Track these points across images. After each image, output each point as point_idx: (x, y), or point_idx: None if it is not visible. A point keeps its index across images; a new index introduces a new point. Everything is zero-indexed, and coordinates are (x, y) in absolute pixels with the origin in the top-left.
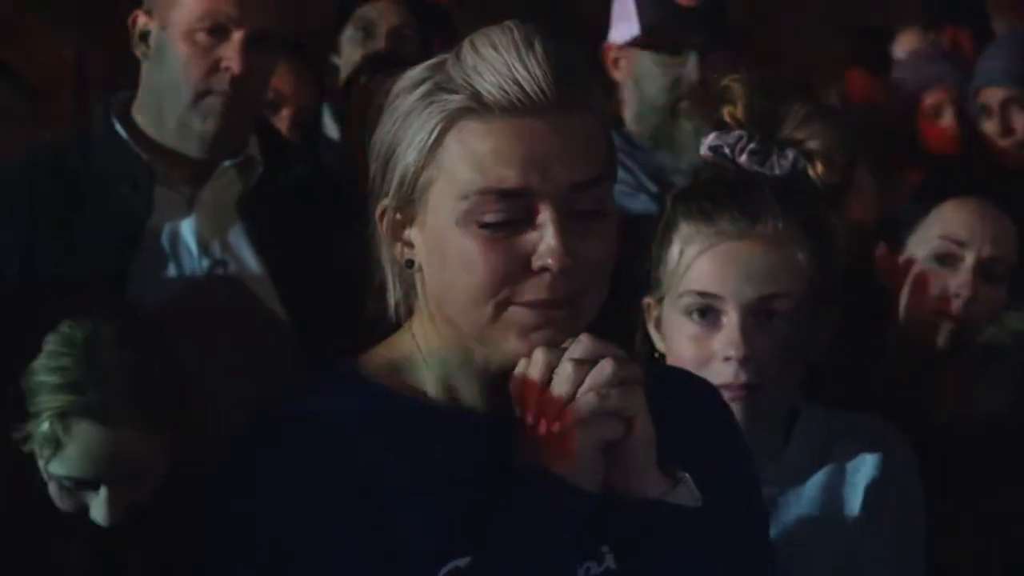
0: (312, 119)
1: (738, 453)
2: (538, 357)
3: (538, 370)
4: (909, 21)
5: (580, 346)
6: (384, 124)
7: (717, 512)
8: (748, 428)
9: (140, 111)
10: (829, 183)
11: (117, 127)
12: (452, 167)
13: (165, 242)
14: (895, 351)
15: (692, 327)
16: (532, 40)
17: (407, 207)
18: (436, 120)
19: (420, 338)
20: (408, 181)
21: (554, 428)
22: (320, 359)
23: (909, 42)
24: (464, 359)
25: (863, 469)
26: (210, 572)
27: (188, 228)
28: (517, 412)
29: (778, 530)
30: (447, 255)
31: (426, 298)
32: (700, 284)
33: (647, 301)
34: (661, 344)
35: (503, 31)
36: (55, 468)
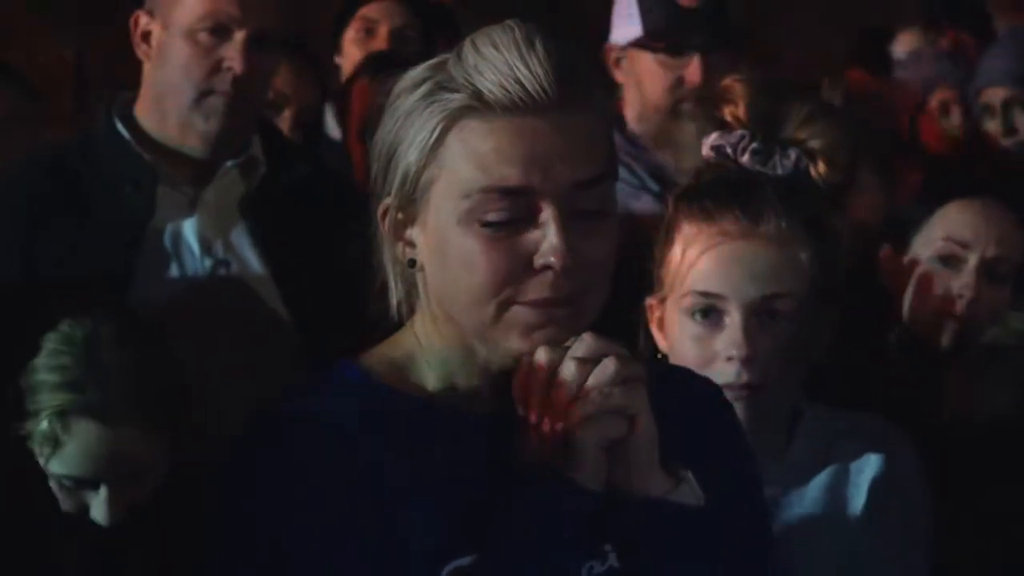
0: (314, 119)
1: (740, 452)
2: (541, 356)
3: (541, 369)
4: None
5: (583, 344)
6: (385, 124)
7: (719, 511)
8: (751, 428)
9: (142, 111)
10: (831, 182)
11: (119, 127)
12: (454, 166)
13: (168, 242)
14: (898, 351)
15: (694, 327)
16: (533, 39)
17: (409, 206)
18: (437, 119)
19: (422, 337)
20: (410, 180)
21: (557, 427)
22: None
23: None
24: (466, 358)
25: (866, 469)
26: (210, 572)
27: (191, 228)
28: (520, 411)
29: (781, 530)
30: (449, 254)
31: (428, 297)
32: (702, 284)
33: (649, 302)
34: (664, 344)
35: (504, 30)
36: (55, 467)
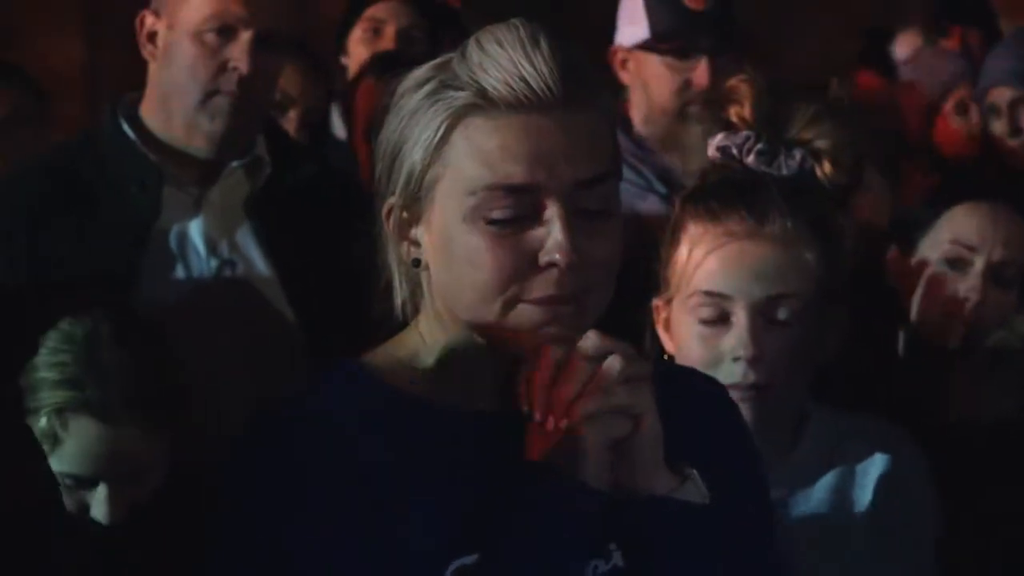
0: (320, 120)
1: (745, 451)
2: (545, 354)
3: (546, 367)
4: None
5: (588, 343)
6: (390, 123)
7: (724, 509)
8: (757, 429)
9: (148, 112)
10: (837, 183)
11: (125, 128)
12: (459, 164)
13: (173, 243)
14: (905, 353)
15: (701, 328)
16: (538, 37)
17: (413, 205)
18: (442, 117)
19: (426, 337)
20: (415, 179)
21: (562, 425)
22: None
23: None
24: (470, 357)
25: (872, 471)
26: (210, 572)
27: (196, 229)
28: (524, 409)
29: (787, 531)
30: (454, 252)
31: (432, 297)
32: (708, 284)
33: (655, 303)
34: (670, 346)
35: (509, 29)
36: (54, 465)
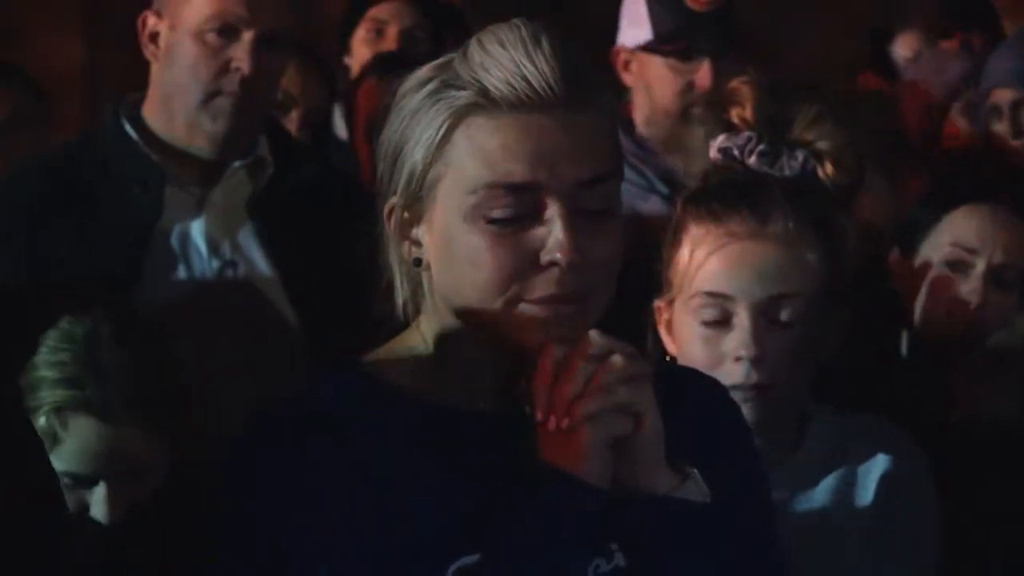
0: (322, 120)
1: (747, 451)
2: (546, 353)
3: (547, 366)
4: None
5: (589, 342)
6: (391, 123)
7: (725, 508)
8: (759, 429)
9: (150, 112)
10: (839, 184)
11: (127, 128)
12: (460, 163)
13: (175, 243)
14: (908, 354)
15: (703, 329)
16: (539, 37)
17: (415, 205)
18: (444, 117)
19: (428, 336)
20: (416, 179)
21: (563, 424)
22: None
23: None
24: (471, 357)
25: (874, 471)
26: (210, 572)
27: (198, 229)
28: (526, 409)
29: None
30: (455, 252)
31: (433, 297)
32: (710, 285)
33: (657, 304)
34: (672, 346)
35: (510, 28)
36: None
